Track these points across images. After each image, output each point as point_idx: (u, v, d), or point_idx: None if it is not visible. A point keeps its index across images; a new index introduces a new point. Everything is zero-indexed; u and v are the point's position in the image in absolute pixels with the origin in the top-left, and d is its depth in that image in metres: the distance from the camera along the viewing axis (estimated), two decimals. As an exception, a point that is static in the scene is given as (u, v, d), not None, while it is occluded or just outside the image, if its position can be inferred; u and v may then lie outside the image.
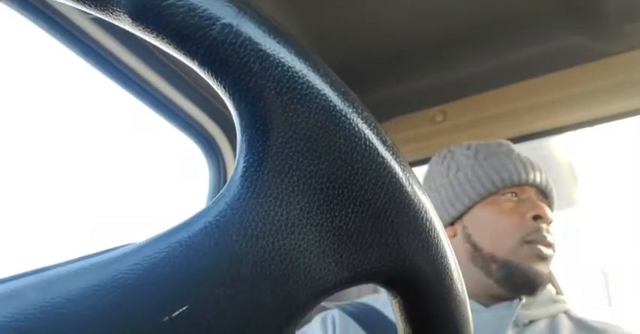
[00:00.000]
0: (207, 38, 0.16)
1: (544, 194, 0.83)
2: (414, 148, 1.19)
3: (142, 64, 0.86)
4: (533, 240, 0.75)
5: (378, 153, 0.18)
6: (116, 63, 0.84)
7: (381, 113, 1.18)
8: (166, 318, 0.15)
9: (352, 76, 1.08)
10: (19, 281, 0.15)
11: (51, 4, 0.72)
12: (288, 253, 0.17)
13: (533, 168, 0.82)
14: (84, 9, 0.18)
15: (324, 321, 0.81)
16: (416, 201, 0.19)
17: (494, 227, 0.79)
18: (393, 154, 0.19)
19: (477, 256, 0.79)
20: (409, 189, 0.19)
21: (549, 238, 0.75)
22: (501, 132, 1.14)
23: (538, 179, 0.81)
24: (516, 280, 0.75)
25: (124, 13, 0.17)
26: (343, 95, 0.18)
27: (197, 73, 0.18)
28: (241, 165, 0.17)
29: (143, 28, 0.17)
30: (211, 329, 0.15)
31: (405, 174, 0.19)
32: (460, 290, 0.21)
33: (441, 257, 0.20)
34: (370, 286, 1.21)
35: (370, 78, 1.10)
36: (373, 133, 0.18)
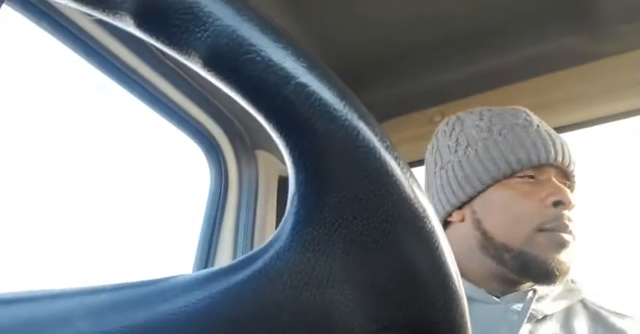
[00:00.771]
0: (280, 95, 0.17)
1: (566, 175, 0.73)
2: (413, 148, 1.20)
3: (144, 64, 0.86)
4: (552, 228, 0.67)
5: (418, 217, 0.19)
6: (118, 63, 0.84)
7: (380, 113, 1.18)
8: None
9: (352, 76, 1.08)
10: (67, 301, 0.15)
11: (53, 5, 0.72)
12: (326, 305, 0.18)
13: (554, 145, 0.71)
14: (153, 42, 0.19)
15: None
16: (447, 265, 0.19)
17: (507, 213, 0.70)
18: (428, 219, 0.19)
19: (487, 245, 0.71)
20: (443, 257, 0.19)
21: (571, 226, 0.67)
22: (501, 132, 1.14)
23: (560, 158, 0.70)
24: (533, 271, 0.67)
25: (198, 58, 0.17)
26: (397, 161, 0.18)
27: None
28: (292, 217, 0.18)
29: (215, 75, 0.18)
30: None
31: (440, 240, 0.19)
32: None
33: (458, 309, 0.20)
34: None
35: (369, 78, 1.11)
36: (418, 200, 0.19)
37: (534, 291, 0.69)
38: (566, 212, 0.68)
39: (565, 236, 0.67)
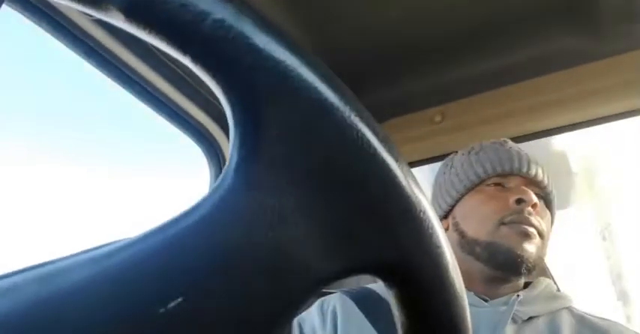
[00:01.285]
0: (198, 33, 0.17)
1: (534, 184, 0.83)
2: (414, 148, 1.20)
3: (143, 63, 0.86)
4: (512, 220, 0.76)
5: (370, 145, 0.18)
6: (116, 62, 0.84)
7: (380, 113, 1.18)
8: (162, 310, 0.15)
9: (352, 77, 1.08)
10: (17, 276, 0.15)
11: (53, 5, 0.72)
12: (281, 245, 0.17)
13: (521, 159, 0.83)
14: (79, 8, 0.18)
15: (321, 308, 0.81)
16: (409, 192, 0.19)
17: (477, 213, 0.81)
18: (385, 146, 0.19)
19: (463, 242, 0.80)
20: (403, 180, 0.19)
21: (532, 219, 0.76)
22: (500, 133, 1.14)
23: (525, 169, 0.82)
24: (499, 259, 0.75)
25: (117, 10, 0.17)
26: (335, 88, 0.18)
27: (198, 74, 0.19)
28: (235, 158, 0.17)
29: (136, 25, 0.17)
30: (206, 320, 0.15)
31: (399, 166, 0.19)
32: (455, 282, 0.21)
33: (436, 247, 0.20)
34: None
35: (370, 78, 1.11)
36: (365, 125, 0.18)
37: (518, 295, 0.76)
38: (528, 208, 0.77)
39: (526, 227, 0.76)
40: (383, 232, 0.18)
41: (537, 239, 0.77)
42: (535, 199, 0.78)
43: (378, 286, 0.85)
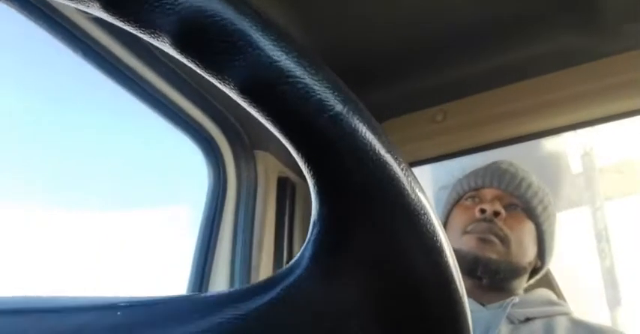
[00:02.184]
0: (315, 125, 0.17)
1: (512, 196, 0.91)
2: (415, 148, 1.19)
3: (142, 63, 0.86)
4: (472, 229, 0.86)
5: (443, 256, 0.18)
6: (116, 63, 0.84)
7: (381, 112, 1.18)
8: None
9: (353, 76, 1.08)
10: (83, 315, 0.16)
11: (52, 5, 0.72)
12: None
13: (492, 174, 0.93)
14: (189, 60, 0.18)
15: None
16: (456, 287, 0.19)
17: (451, 225, 0.92)
18: (454, 274, 0.19)
19: None
20: (453, 281, 0.19)
21: (492, 226, 0.84)
22: (502, 132, 1.14)
23: (497, 182, 0.92)
24: (460, 265, 0.80)
25: (234, 85, 0.17)
26: (421, 198, 0.18)
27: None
28: (312, 245, 0.18)
29: (250, 103, 0.17)
30: None
31: (461, 290, 0.19)
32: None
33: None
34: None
35: (370, 77, 1.10)
36: (443, 246, 0.19)
37: (512, 298, 0.81)
38: (488, 216, 0.84)
39: (483, 235, 0.83)
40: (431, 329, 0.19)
41: (499, 245, 0.83)
42: (497, 208, 0.86)
43: None
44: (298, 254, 0.18)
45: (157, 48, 0.18)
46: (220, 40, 0.17)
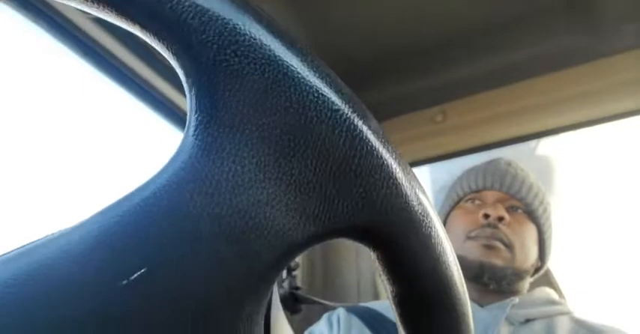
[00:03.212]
0: (144, 1, 0.16)
1: (514, 198, 0.88)
2: (415, 148, 1.19)
3: (143, 64, 0.86)
4: (475, 235, 0.83)
5: (332, 101, 0.17)
6: (114, 61, 0.83)
7: (381, 113, 1.18)
8: (125, 282, 0.14)
9: (353, 76, 1.08)
10: None
11: (52, 5, 0.72)
12: (247, 209, 0.16)
13: (493, 176, 0.90)
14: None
15: (329, 319, 0.85)
16: (379, 146, 0.18)
17: (452, 228, 0.88)
18: (348, 101, 0.18)
19: None
20: (370, 135, 0.18)
21: (497, 232, 0.82)
22: (501, 132, 1.14)
23: (498, 184, 0.89)
24: (465, 271, 0.78)
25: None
26: (288, 44, 0.17)
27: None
28: (192, 123, 0.17)
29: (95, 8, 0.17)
30: (173, 290, 0.15)
31: (365, 120, 0.18)
32: (441, 240, 0.20)
33: (415, 204, 0.19)
34: (370, 289, 1.22)
35: (370, 77, 1.10)
36: (322, 80, 0.17)
37: (512, 299, 0.80)
38: (493, 221, 0.82)
39: (488, 241, 0.81)
40: (354, 190, 0.18)
41: (504, 251, 0.81)
42: (502, 213, 0.83)
43: (377, 304, 0.88)
44: (181, 140, 0.17)
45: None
46: None
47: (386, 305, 0.85)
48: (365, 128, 0.18)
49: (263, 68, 0.17)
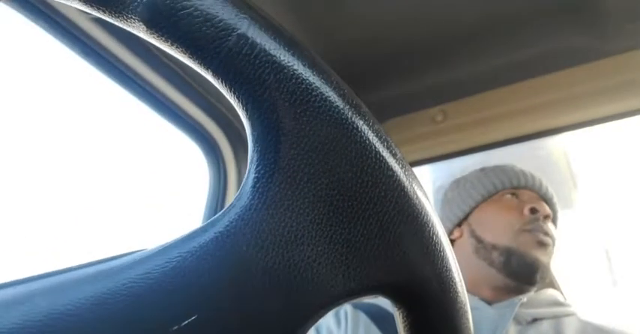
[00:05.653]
0: (222, 49, 0.17)
1: (545, 199, 0.90)
2: (415, 148, 1.19)
3: (143, 64, 0.86)
4: (532, 228, 0.81)
5: (388, 167, 0.18)
6: (116, 63, 0.83)
7: (381, 113, 1.18)
8: (175, 327, 0.15)
9: (353, 76, 1.08)
10: (28, 285, 0.15)
11: (52, 5, 0.72)
12: (296, 264, 0.17)
13: (532, 177, 0.91)
14: (98, 14, 0.18)
15: (337, 315, 0.85)
16: (423, 214, 0.19)
17: (495, 220, 0.86)
18: (402, 167, 0.19)
19: (480, 247, 0.84)
20: (417, 202, 0.19)
21: (546, 228, 0.82)
22: (502, 132, 1.14)
23: (537, 185, 0.90)
24: (514, 265, 0.79)
25: (139, 21, 0.17)
26: (355, 108, 0.18)
27: (198, 74, 0.18)
28: (252, 175, 0.17)
29: (158, 37, 0.17)
30: None
31: (413, 188, 0.19)
32: (463, 303, 0.21)
33: (446, 270, 0.20)
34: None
35: (371, 77, 1.10)
36: (384, 146, 0.18)
37: (521, 298, 0.79)
38: (541, 217, 0.82)
39: (543, 236, 0.80)
40: (395, 253, 0.19)
41: (551, 247, 0.82)
42: (548, 211, 0.84)
43: (382, 301, 0.88)
44: (239, 189, 0.18)
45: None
46: None
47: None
48: (413, 195, 0.19)
49: (330, 129, 0.17)
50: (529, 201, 0.86)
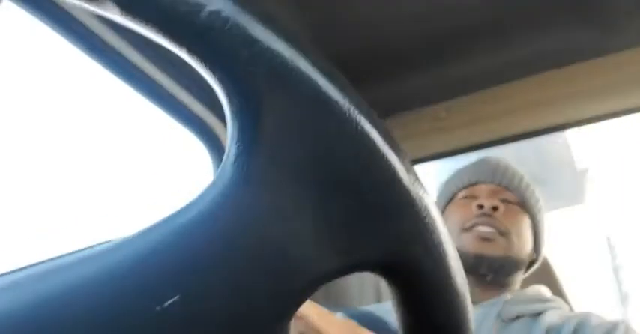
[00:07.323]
0: (194, 25, 0.16)
1: (509, 188, 0.89)
2: (418, 145, 1.19)
3: (144, 58, 0.86)
4: (471, 225, 0.83)
5: (371, 139, 0.18)
6: (115, 56, 0.83)
7: (384, 110, 1.17)
8: (158, 308, 0.14)
9: (355, 73, 1.07)
10: (16, 273, 0.15)
11: (55, 1, 0.72)
12: (280, 240, 0.16)
13: (486, 169, 0.92)
14: (75, 2, 0.18)
15: None
16: (412, 188, 0.19)
17: (449, 224, 0.87)
18: (387, 139, 0.18)
19: None
20: (405, 176, 0.18)
21: (491, 220, 0.82)
22: (506, 129, 1.13)
23: (489, 178, 0.90)
24: (464, 265, 0.79)
25: (113, 3, 0.17)
26: (334, 80, 0.18)
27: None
28: (232, 152, 0.17)
29: (132, 18, 0.17)
30: (204, 318, 0.15)
31: (401, 161, 0.18)
32: (458, 280, 0.21)
33: (438, 245, 0.20)
34: (372, 293, 1.22)
35: (374, 74, 1.10)
36: (366, 118, 0.18)
37: (504, 296, 0.80)
38: (487, 211, 0.83)
39: (483, 229, 0.81)
40: (384, 228, 0.18)
41: (499, 239, 0.81)
42: (496, 203, 0.83)
43: (378, 309, 0.88)
44: (220, 166, 0.17)
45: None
46: None
47: (385, 309, 0.86)
48: (400, 168, 0.18)
49: (308, 102, 0.17)
50: (482, 195, 0.86)
